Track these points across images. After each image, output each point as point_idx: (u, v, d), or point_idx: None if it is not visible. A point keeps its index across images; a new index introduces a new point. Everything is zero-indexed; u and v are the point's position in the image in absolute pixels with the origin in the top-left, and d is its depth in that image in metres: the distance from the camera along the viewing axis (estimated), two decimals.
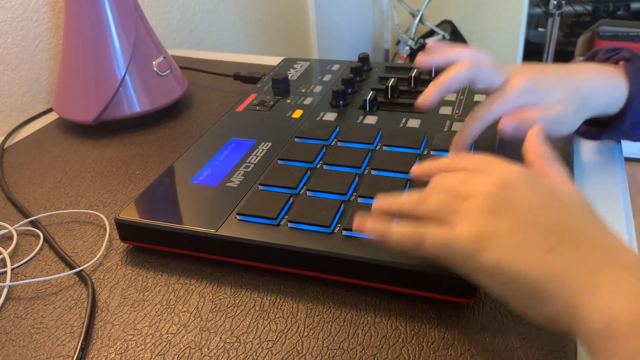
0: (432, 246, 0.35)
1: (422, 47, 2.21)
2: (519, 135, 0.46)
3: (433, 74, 0.50)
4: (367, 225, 0.38)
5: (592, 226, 0.32)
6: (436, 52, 0.49)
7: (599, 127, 0.55)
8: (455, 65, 0.47)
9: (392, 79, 0.65)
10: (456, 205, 0.34)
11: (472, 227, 0.33)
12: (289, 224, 0.45)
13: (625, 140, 0.57)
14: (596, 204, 0.51)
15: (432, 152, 0.53)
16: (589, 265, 0.30)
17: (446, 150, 0.52)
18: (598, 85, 0.50)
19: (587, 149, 0.60)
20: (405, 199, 0.38)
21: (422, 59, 0.49)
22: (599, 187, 0.54)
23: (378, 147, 0.54)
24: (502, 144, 0.55)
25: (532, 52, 2.42)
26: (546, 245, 0.31)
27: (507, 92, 0.48)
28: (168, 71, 0.74)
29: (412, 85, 0.66)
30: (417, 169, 0.41)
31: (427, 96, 0.47)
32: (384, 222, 0.37)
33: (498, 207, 0.33)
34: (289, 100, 0.67)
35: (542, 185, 0.35)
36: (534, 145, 0.39)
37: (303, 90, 0.69)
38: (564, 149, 0.58)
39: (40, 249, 0.51)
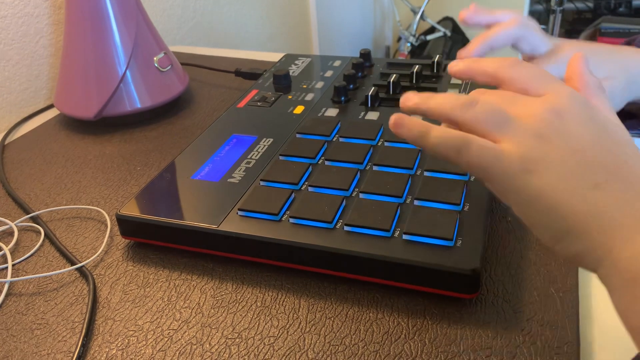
0: (477, 155, 0.31)
1: (423, 44, 2.21)
2: None
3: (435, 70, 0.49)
4: (405, 121, 0.33)
5: (638, 167, 0.31)
6: (482, 12, 0.48)
7: (633, 119, 0.53)
8: (504, 22, 0.45)
9: (394, 75, 0.65)
10: (507, 119, 0.31)
11: (523, 148, 0.31)
12: (291, 220, 0.44)
13: None
14: None
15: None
16: (633, 209, 0.28)
17: None
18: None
19: None
20: (444, 99, 0.33)
21: (469, 14, 0.47)
22: None
23: (380, 143, 0.54)
24: None
25: None
26: (594, 181, 0.29)
27: (559, 57, 0.46)
28: (169, 67, 0.74)
29: (414, 81, 0.66)
30: (456, 65, 0.36)
31: (472, 47, 0.45)
32: (425, 122, 0.33)
33: (549, 133, 0.31)
34: (290, 96, 0.67)
35: (596, 117, 0.32)
36: (580, 73, 0.35)
37: (304, 86, 0.69)
38: None
39: (41, 245, 0.51)
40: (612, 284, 0.28)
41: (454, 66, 0.36)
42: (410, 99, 0.34)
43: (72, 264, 0.48)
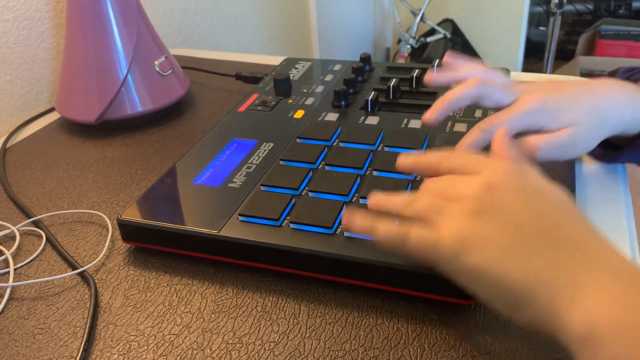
0: (416, 245, 0.35)
1: (423, 46, 2.21)
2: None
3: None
4: (355, 221, 0.38)
5: (576, 226, 0.32)
6: (446, 70, 0.49)
7: (615, 150, 0.53)
8: (464, 84, 0.47)
9: (394, 79, 0.65)
10: (443, 207, 0.35)
11: (455, 230, 0.33)
12: (291, 225, 0.45)
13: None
14: (597, 204, 0.51)
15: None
16: (571, 269, 0.30)
17: None
18: (620, 102, 0.48)
19: None
20: (397, 199, 0.39)
21: (431, 77, 0.49)
22: (600, 186, 0.54)
23: (380, 148, 0.54)
24: None
25: (533, 51, 2.42)
26: (529, 249, 0.31)
27: (515, 110, 0.46)
28: (170, 71, 0.74)
29: (414, 86, 0.67)
30: (404, 160, 0.41)
31: (434, 112, 0.47)
32: (371, 219, 0.38)
33: (482, 209, 0.33)
34: (290, 101, 0.67)
35: (528, 185, 0.35)
36: (500, 152, 0.39)
37: (305, 90, 0.69)
38: None
39: (43, 249, 0.51)
40: (570, 346, 0.29)
41: (402, 162, 0.41)
42: (375, 200, 0.39)
43: (74, 268, 0.48)
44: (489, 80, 0.47)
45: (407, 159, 0.41)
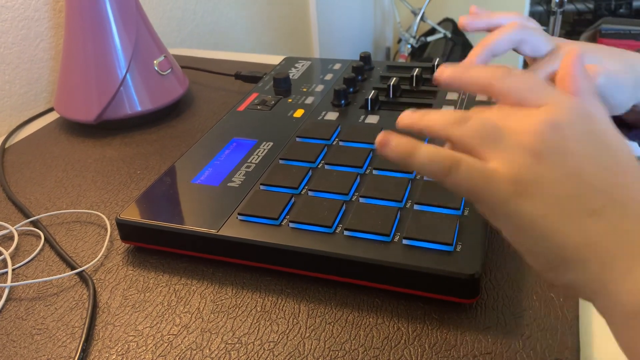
0: (465, 177, 0.29)
1: (423, 45, 2.21)
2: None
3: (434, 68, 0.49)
4: (392, 139, 0.31)
5: (638, 185, 0.28)
6: (481, 16, 0.47)
7: (628, 128, 0.52)
8: (504, 27, 0.45)
9: (394, 78, 0.65)
10: (500, 136, 0.29)
11: (514, 168, 0.28)
12: (291, 224, 0.44)
13: None
14: None
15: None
16: (632, 237, 0.27)
17: None
18: None
19: None
20: (438, 115, 0.32)
21: (467, 21, 0.46)
22: None
23: None
24: None
25: None
26: (590, 207, 0.27)
27: (559, 56, 0.44)
28: (169, 70, 0.74)
29: (414, 85, 0.66)
30: (445, 73, 0.33)
31: (474, 57, 0.44)
32: (411, 140, 0.31)
33: (545, 151, 0.28)
34: (290, 100, 0.67)
35: (596, 131, 0.29)
36: (573, 75, 0.32)
37: (304, 90, 0.69)
38: None
39: (41, 250, 0.51)
40: (612, 318, 0.27)
41: (441, 74, 0.33)
42: (406, 116, 0.33)
43: (72, 268, 0.48)
44: (529, 25, 0.46)
45: (445, 70, 0.33)
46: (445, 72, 0.33)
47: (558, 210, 0.28)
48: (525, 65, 0.50)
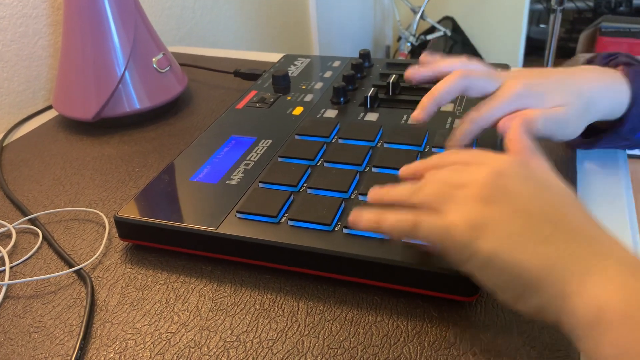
0: (427, 232, 0.34)
1: (423, 44, 2.21)
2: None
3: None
4: (362, 217, 0.38)
5: (581, 217, 0.33)
6: (427, 65, 0.50)
7: (594, 136, 0.53)
8: (447, 77, 0.47)
9: (393, 76, 0.65)
10: (451, 193, 0.35)
11: (467, 215, 0.33)
12: (290, 222, 0.44)
13: (621, 147, 0.55)
14: (599, 201, 0.51)
15: (433, 149, 0.52)
16: (580, 256, 0.30)
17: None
18: (600, 89, 0.48)
19: None
20: (400, 189, 0.38)
21: (412, 72, 0.50)
22: (602, 184, 0.53)
23: (379, 145, 0.54)
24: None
25: (534, 49, 2.42)
26: (541, 235, 0.31)
27: (501, 95, 0.46)
28: (168, 68, 0.74)
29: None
30: (406, 169, 0.41)
31: (422, 110, 0.47)
32: (378, 212, 0.37)
33: (493, 195, 0.33)
34: (289, 97, 0.66)
35: (535, 175, 0.35)
36: (517, 138, 0.39)
37: (303, 87, 0.69)
38: (567, 149, 0.58)
39: (39, 247, 0.51)
40: (575, 334, 0.29)
41: (404, 171, 0.41)
42: (374, 193, 0.39)
43: (70, 266, 0.48)
44: (471, 70, 0.47)
45: (408, 167, 0.41)
46: (409, 168, 0.41)
47: (511, 244, 0.32)
48: (525, 55, 0.50)
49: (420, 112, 0.47)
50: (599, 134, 0.53)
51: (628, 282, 0.28)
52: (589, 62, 0.56)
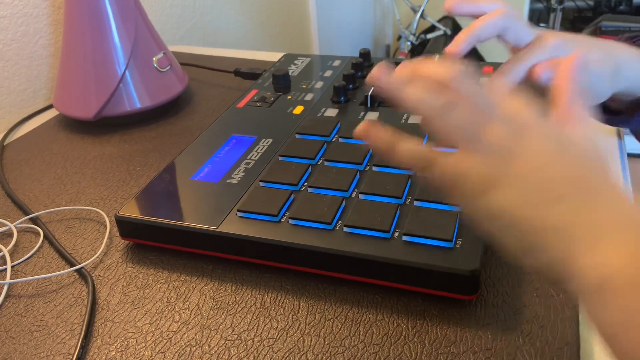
0: (441, 173, 0.33)
1: (423, 43, 2.20)
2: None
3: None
4: (372, 131, 0.34)
5: (603, 182, 0.32)
6: (467, 1, 0.48)
7: (626, 114, 0.53)
8: (489, 13, 0.46)
9: None
10: (477, 133, 0.32)
11: (485, 166, 0.32)
12: (290, 221, 0.44)
13: None
14: None
15: (433, 148, 0.52)
16: (594, 218, 0.29)
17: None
18: (630, 57, 0.49)
19: None
20: (426, 94, 0.33)
21: (453, 4, 0.47)
22: None
23: None
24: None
25: None
26: (554, 195, 0.30)
27: (538, 45, 0.46)
28: (168, 67, 0.74)
29: None
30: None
31: (459, 42, 0.45)
32: (393, 135, 0.34)
33: (515, 149, 0.32)
34: (289, 96, 0.66)
35: (561, 135, 0.33)
36: (566, 77, 0.36)
37: (304, 86, 0.69)
38: None
39: (41, 246, 0.51)
40: (581, 295, 0.29)
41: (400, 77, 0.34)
42: (407, 68, 0.34)
43: (72, 265, 0.48)
44: (513, 13, 0.47)
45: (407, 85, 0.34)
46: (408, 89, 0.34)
47: (524, 200, 0.31)
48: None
49: (457, 45, 0.45)
50: (631, 110, 0.52)
51: (639, 250, 0.28)
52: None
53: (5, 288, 0.46)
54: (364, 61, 0.72)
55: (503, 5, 0.48)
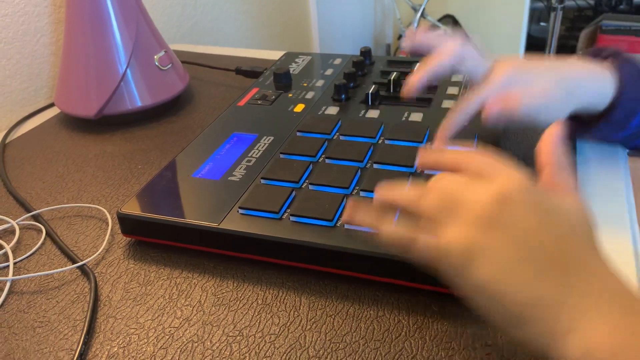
0: (422, 251, 0.34)
1: None
2: (502, 122, 0.46)
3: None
4: (358, 215, 0.37)
5: (585, 252, 0.31)
6: (421, 38, 0.50)
7: (590, 124, 0.53)
8: (440, 51, 0.47)
9: (394, 73, 0.65)
10: (453, 209, 0.33)
11: (464, 239, 0.32)
12: (291, 218, 0.45)
13: (622, 139, 0.55)
14: (599, 200, 0.51)
15: (433, 147, 0.52)
16: (575, 294, 0.29)
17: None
18: (584, 75, 0.50)
19: (590, 143, 0.60)
20: (404, 193, 0.37)
21: (407, 42, 0.50)
22: (602, 183, 0.54)
23: (380, 141, 0.54)
24: (505, 140, 0.55)
25: (534, 47, 2.42)
26: (535, 270, 0.30)
27: (492, 79, 0.47)
28: (169, 65, 0.74)
29: None
30: (424, 160, 0.39)
31: (413, 82, 0.47)
32: (377, 215, 0.36)
33: (493, 221, 0.32)
34: (290, 95, 0.67)
35: (544, 204, 0.33)
36: (549, 148, 0.36)
37: (305, 85, 0.69)
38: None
39: (43, 243, 0.51)
40: None
41: (423, 160, 0.38)
42: (382, 193, 0.37)
43: (74, 262, 0.48)
44: (464, 47, 0.48)
45: (426, 157, 0.38)
46: (428, 156, 0.38)
47: (504, 275, 0.31)
48: (526, 53, 0.51)
49: (412, 85, 0.47)
50: (596, 120, 0.53)
51: (620, 323, 0.28)
52: (594, 54, 0.56)
53: (8, 285, 0.46)
54: (365, 59, 0.72)
55: (454, 40, 0.49)
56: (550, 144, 0.37)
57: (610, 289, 0.30)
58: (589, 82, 0.50)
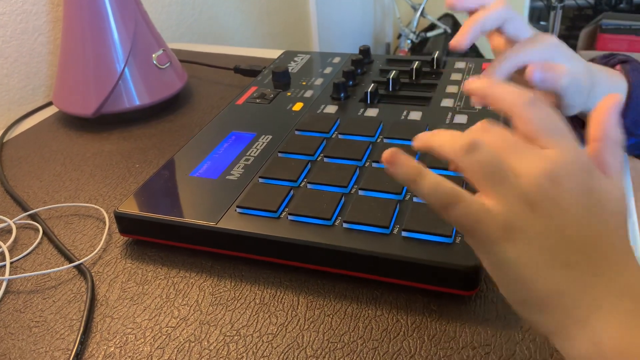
0: (462, 215, 0.31)
1: (423, 41, 2.20)
2: (542, 87, 0.45)
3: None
4: (400, 158, 0.32)
5: (615, 245, 0.31)
6: None
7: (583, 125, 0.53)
8: (492, 5, 0.46)
9: (394, 72, 0.65)
10: (502, 175, 0.30)
11: (507, 213, 0.30)
12: (290, 217, 0.44)
13: (629, 147, 0.54)
14: None
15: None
16: (597, 289, 0.29)
17: None
18: (603, 75, 0.50)
19: None
20: (449, 138, 0.32)
21: (455, 0, 0.48)
22: None
23: (379, 140, 0.54)
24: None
25: None
26: (565, 260, 0.30)
27: (539, 41, 0.46)
28: (168, 64, 0.74)
29: (414, 78, 0.66)
30: (474, 84, 0.34)
31: (463, 35, 0.45)
32: (419, 165, 0.32)
33: (539, 202, 0.30)
34: (289, 93, 0.66)
35: (593, 189, 0.31)
36: (604, 119, 0.33)
37: (303, 83, 0.69)
38: None
39: (40, 243, 0.51)
40: (567, 358, 0.29)
41: (470, 83, 0.34)
42: (422, 139, 0.34)
43: (71, 261, 0.48)
44: (512, 8, 0.48)
45: (475, 82, 0.34)
46: (475, 83, 0.34)
47: (535, 259, 0.30)
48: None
49: (462, 37, 0.45)
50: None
51: (633, 321, 0.28)
52: (606, 62, 0.56)
53: (4, 284, 0.46)
54: (364, 58, 0.71)
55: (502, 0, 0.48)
56: (606, 115, 0.33)
57: (632, 287, 0.29)
58: (606, 82, 0.50)
